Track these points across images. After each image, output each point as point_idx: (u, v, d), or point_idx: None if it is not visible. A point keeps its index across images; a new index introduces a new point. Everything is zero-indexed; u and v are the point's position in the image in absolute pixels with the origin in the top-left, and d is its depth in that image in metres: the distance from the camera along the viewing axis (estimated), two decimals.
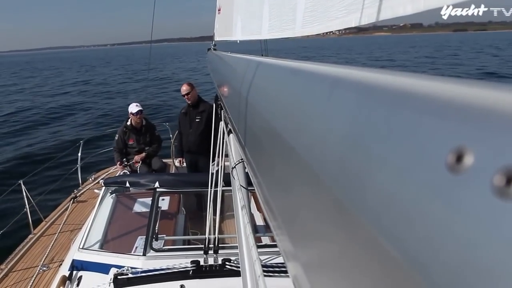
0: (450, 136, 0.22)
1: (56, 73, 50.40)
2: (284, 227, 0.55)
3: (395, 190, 0.26)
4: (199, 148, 5.00)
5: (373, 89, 0.33)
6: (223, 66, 1.88)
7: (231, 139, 1.68)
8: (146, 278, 2.58)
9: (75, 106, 20.66)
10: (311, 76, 0.51)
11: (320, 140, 0.40)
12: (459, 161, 0.20)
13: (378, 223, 0.27)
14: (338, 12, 0.57)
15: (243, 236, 1.28)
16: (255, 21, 1.41)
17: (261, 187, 0.73)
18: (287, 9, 0.91)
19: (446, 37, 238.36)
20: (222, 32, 3.08)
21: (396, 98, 0.29)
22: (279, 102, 0.61)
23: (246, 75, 0.96)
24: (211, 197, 2.69)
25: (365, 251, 0.29)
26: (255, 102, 0.80)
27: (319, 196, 0.39)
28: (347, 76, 0.40)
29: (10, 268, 3.97)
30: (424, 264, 0.22)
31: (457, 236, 0.20)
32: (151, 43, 6.67)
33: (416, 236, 0.23)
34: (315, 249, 0.42)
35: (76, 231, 4.39)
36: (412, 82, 0.29)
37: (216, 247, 2.74)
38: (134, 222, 3.54)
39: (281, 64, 0.73)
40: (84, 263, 2.96)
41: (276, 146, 0.57)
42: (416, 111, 0.26)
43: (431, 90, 0.26)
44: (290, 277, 0.53)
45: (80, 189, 5.96)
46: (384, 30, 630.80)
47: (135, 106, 5.43)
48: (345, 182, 0.33)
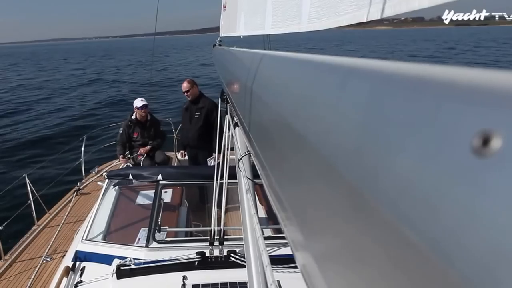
0: (476, 120, 0.21)
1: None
2: (294, 217, 0.55)
3: (415, 176, 0.26)
4: (198, 143, 5.10)
5: (394, 76, 0.33)
6: (230, 61, 1.88)
7: (237, 132, 1.69)
8: (149, 269, 2.59)
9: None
10: (324, 66, 0.51)
11: (335, 129, 0.40)
12: (485, 144, 0.20)
13: (398, 210, 0.27)
14: (348, 7, 0.57)
15: (249, 227, 1.29)
16: (258, 17, 1.42)
17: (269, 178, 0.73)
18: (292, 5, 0.91)
19: (447, 31, 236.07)
20: (226, 28, 3.09)
21: (418, 84, 0.29)
22: (289, 94, 0.60)
23: (253, 68, 0.96)
24: (216, 189, 2.71)
25: (383, 239, 0.29)
26: (263, 94, 0.80)
27: (333, 185, 0.39)
28: (364, 65, 0.40)
29: (14, 258, 4.01)
30: (448, 252, 0.22)
31: (484, 222, 0.20)
32: (154, 36, 6.67)
33: (439, 222, 0.23)
34: (328, 238, 0.42)
35: (79, 223, 4.42)
36: (434, 70, 0.28)
37: (222, 238, 2.76)
38: (137, 214, 3.56)
39: (289, 56, 0.73)
40: (87, 254, 2.98)
41: (286, 137, 0.57)
42: (439, 96, 0.25)
43: (455, 76, 0.26)
44: (298, 266, 0.54)
45: (83, 181, 5.99)
46: (384, 24, 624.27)
47: (140, 100, 5.48)
48: (362, 170, 0.33)
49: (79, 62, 53.93)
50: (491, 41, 78.71)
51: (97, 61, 57.51)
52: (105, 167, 6.54)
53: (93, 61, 56.20)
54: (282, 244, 2.74)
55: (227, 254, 2.68)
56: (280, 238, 2.82)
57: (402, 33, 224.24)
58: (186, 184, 3.91)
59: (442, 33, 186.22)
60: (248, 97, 0.98)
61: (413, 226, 0.25)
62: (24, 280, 3.66)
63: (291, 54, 0.71)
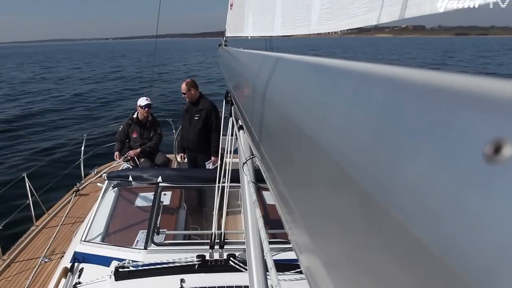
0: (488, 127, 0.22)
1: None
2: (301, 220, 0.55)
3: (426, 181, 0.26)
4: (197, 146, 5.07)
5: (407, 83, 0.33)
6: (236, 62, 1.87)
7: (241, 134, 1.68)
8: (147, 271, 2.59)
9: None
10: (340, 71, 0.51)
11: (348, 134, 0.40)
12: (497, 152, 0.21)
13: (409, 215, 0.27)
14: (358, 9, 0.57)
15: (251, 230, 1.29)
16: (267, 17, 1.40)
17: (276, 182, 0.73)
18: (302, 6, 0.90)
19: (449, 40, 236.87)
20: (233, 28, 3.07)
21: (433, 91, 0.29)
22: (300, 97, 0.60)
23: (263, 70, 0.95)
24: (219, 192, 2.71)
25: (394, 244, 0.29)
26: (272, 97, 0.80)
27: (344, 190, 0.39)
28: (379, 71, 0.40)
29: (12, 259, 4.00)
30: (459, 259, 0.22)
31: (495, 228, 0.20)
32: (156, 38, 6.68)
33: (451, 228, 0.23)
34: (336, 242, 0.42)
35: (78, 224, 4.41)
36: (448, 77, 0.29)
37: (222, 242, 2.76)
38: (136, 216, 3.55)
39: (300, 60, 0.72)
40: (85, 255, 2.97)
41: (297, 141, 0.57)
42: (453, 103, 0.26)
43: (468, 84, 0.26)
44: (302, 269, 0.54)
45: (82, 182, 5.98)
46: (385, 32, 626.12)
47: (145, 99, 5.47)
48: (375, 176, 0.33)
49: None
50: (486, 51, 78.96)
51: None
52: (104, 168, 6.53)
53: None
54: (281, 249, 2.74)
55: (227, 257, 2.68)
56: (277, 243, 2.82)
57: (403, 41, 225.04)
58: (186, 187, 3.90)
59: (443, 42, 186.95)
60: (256, 99, 0.97)
61: (424, 231, 0.25)
62: (22, 281, 3.65)
63: (306, 58, 0.70)
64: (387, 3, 0.46)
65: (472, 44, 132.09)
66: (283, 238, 2.91)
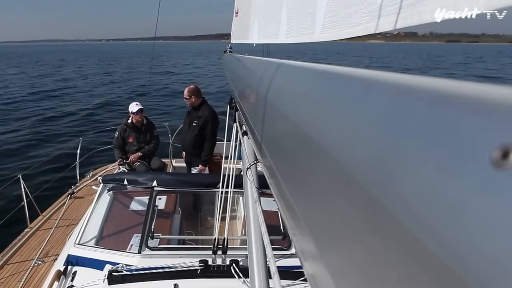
0: (496, 133, 0.22)
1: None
2: (306, 226, 0.55)
3: (434, 187, 0.26)
4: (191, 150, 5.14)
5: (414, 89, 0.34)
6: (241, 68, 1.87)
7: (245, 140, 1.68)
8: (141, 276, 2.58)
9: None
10: (344, 77, 0.51)
11: (354, 140, 0.40)
12: (505, 157, 0.21)
13: (417, 222, 0.27)
14: (360, 18, 0.57)
15: (253, 235, 1.29)
16: (273, 25, 1.41)
17: (280, 187, 0.73)
18: (306, 14, 0.91)
19: (440, 47, 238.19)
20: (238, 34, 3.08)
21: (440, 97, 0.29)
22: (305, 103, 0.60)
23: (268, 76, 0.95)
24: (222, 197, 2.70)
25: (401, 250, 0.29)
26: (277, 103, 0.80)
27: (351, 196, 0.39)
28: (384, 77, 0.40)
29: (5, 261, 3.96)
30: (469, 264, 0.22)
31: (503, 234, 0.20)
32: (154, 40, 6.70)
33: (459, 233, 0.23)
34: (343, 248, 0.42)
35: (72, 227, 4.38)
36: (455, 84, 0.29)
37: (225, 247, 2.75)
38: (131, 220, 3.54)
39: (306, 66, 0.72)
40: (79, 259, 2.95)
41: (303, 147, 0.57)
42: (460, 109, 0.26)
43: (475, 91, 0.26)
44: (306, 275, 0.55)
45: (77, 185, 5.95)
46: (377, 38, 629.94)
47: (135, 105, 5.42)
48: (382, 182, 0.33)
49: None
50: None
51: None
52: (100, 171, 6.51)
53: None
54: (281, 255, 2.74)
55: (229, 263, 2.67)
56: (275, 250, 2.81)
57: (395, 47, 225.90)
58: (181, 191, 3.89)
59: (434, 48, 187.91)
60: (261, 105, 0.98)
61: (432, 238, 0.25)
62: (15, 283, 3.62)
63: (309, 64, 0.71)
64: (391, 12, 0.47)
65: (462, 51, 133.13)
66: (279, 245, 2.91)
